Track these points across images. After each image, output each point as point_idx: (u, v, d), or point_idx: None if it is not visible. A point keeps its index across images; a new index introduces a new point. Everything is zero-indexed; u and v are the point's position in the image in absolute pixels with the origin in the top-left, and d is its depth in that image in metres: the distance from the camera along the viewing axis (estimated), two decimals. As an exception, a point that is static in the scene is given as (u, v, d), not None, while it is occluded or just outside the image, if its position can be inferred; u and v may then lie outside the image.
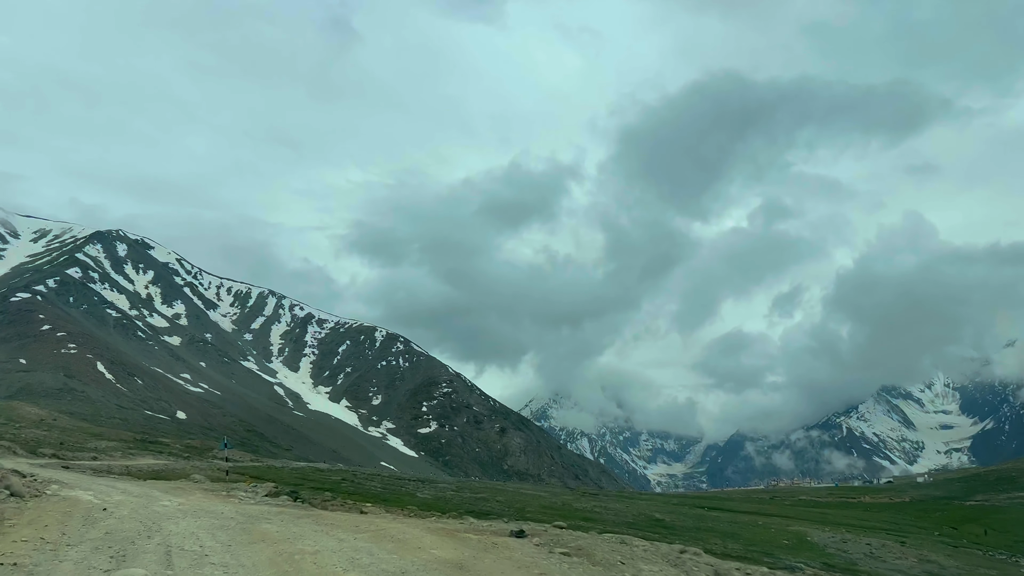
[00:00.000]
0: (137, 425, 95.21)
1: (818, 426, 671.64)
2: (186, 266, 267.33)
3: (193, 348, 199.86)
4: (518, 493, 46.91)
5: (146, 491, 24.69)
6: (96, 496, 20.40)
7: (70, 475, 30.53)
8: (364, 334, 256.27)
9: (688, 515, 42.18)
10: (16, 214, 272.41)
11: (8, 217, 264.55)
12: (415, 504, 28.13)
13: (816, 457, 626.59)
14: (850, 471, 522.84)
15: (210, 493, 26.87)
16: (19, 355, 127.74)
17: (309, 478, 39.02)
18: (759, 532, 39.21)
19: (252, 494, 27.98)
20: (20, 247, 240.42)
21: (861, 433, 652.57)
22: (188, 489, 27.78)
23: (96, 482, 27.54)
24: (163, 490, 25.94)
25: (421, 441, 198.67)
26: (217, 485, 31.01)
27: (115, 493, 22.58)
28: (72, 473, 32.17)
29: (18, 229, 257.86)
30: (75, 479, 27.75)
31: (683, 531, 32.13)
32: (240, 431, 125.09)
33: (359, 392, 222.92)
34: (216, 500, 23.44)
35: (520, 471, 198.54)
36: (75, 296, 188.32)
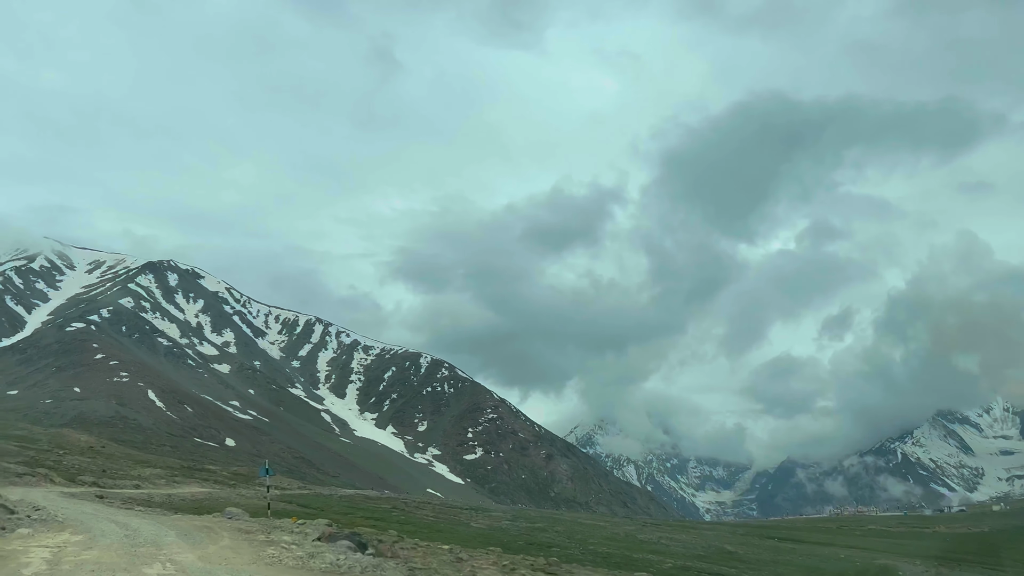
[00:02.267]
0: (186, 452, 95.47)
1: (872, 452, 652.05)
2: (235, 295, 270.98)
3: (242, 376, 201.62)
4: (576, 523, 45.01)
5: (157, 534, 20.24)
6: (69, 545, 16.65)
7: (89, 507, 28.02)
8: (409, 360, 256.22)
9: (760, 547, 39.81)
10: (72, 246, 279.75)
11: (64, 249, 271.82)
12: (469, 534, 26.50)
13: (871, 484, 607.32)
14: (907, 498, 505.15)
15: (243, 536, 21.08)
16: (74, 384, 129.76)
17: (359, 507, 37.74)
18: (844, 567, 36.59)
19: (299, 537, 21.63)
20: (76, 278, 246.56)
21: (917, 459, 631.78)
22: (216, 529, 22.65)
23: (106, 517, 23.57)
24: (183, 532, 21.08)
25: (467, 468, 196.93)
26: (255, 523, 25.59)
27: (107, 538, 18.43)
28: (93, 505, 29.52)
29: (74, 261, 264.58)
30: (81, 513, 24.24)
31: (761, 565, 30.02)
32: (288, 458, 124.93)
33: (405, 418, 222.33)
34: (247, 552, 17.85)
35: (568, 498, 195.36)
36: (128, 325, 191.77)
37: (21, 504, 23.50)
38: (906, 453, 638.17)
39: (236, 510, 29.50)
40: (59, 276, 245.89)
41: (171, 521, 24.74)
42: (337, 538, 21.79)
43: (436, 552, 22.47)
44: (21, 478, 32.58)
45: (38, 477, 34.57)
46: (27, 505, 23.57)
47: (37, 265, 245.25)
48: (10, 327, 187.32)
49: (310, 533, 22.83)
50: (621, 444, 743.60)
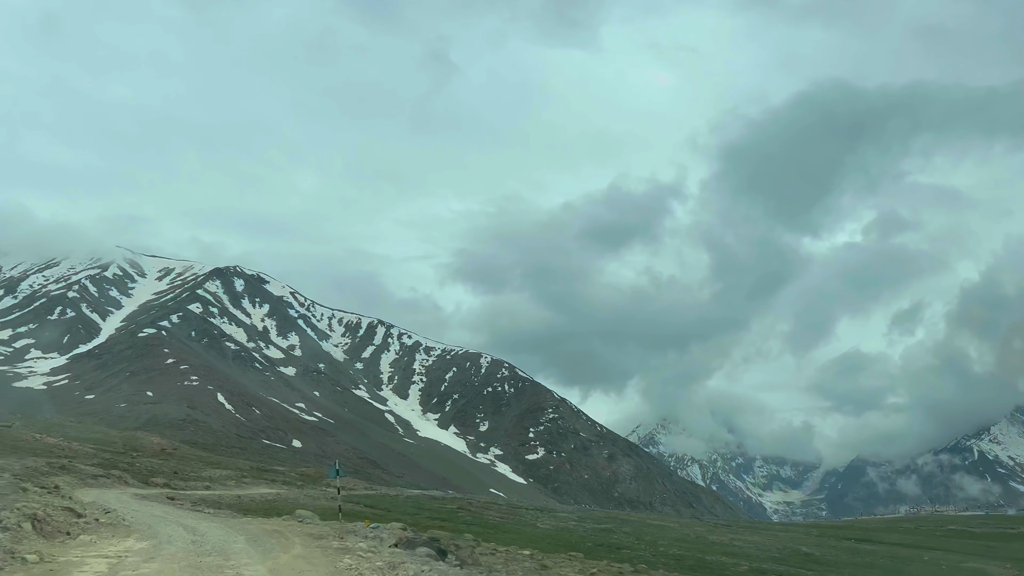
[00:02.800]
0: (254, 454, 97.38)
1: (947, 450, 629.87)
2: (299, 299, 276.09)
3: (307, 378, 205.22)
4: (644, 524, 44.16)
5: (225, 540, 19.07)
6: (129, 555, 15.61)
7: (159, 509, 27.36)
8: (470, 361, 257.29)
9: (837, 548, 38.34)
10: (143, 254, 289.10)
11: (135, 257, 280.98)
12: (537, 535, 26.01)
13: (946, 482, 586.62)
14: (985, 497, 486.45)
15: (315, 543, 19.84)
16: (146, 388, 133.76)
17: (425, 507, 37.66)
18: (930, 570, 34.88)
19: (374, 543, 20.46)
20: (146, 285, 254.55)
21: (995, 456, 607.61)
22: (287, 535, 21.43)
23: (175, 521, 23.02)
24: (252, 537, 19.91)
25: (529, 468, 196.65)
26: (327, 527, 24.30)
27: (172, 545, 17.41)
28: (163, 507, 28.93)
29: (144, 268, 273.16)
30: (150, 516, 23.67)
31: (840, 568, 28.83)
32: (353, 459, 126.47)
33: (466, 419, 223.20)
34: (322, 562, 16.73)
35: (631, 499, 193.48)
36: (196, 330, 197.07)
37: (92, 507, 23.28)
38: (983, 450, 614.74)
39: (306, 512, 28.37)
40: (131, 284, 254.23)
41: (240, 525, 23.81)
42: (415, 544, 20.53)
43: (517, 558, 21.15)
44: (96, 480, 33.37)
45: (112, 479, 35.37)
46: (98, 508, 23.30)
47: (110, 273, 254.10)
48: (86, 334, 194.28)
49: (385, 538, 21.58)
50: (684, 443, 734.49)
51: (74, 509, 20.07)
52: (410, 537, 21.61)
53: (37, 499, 20.00)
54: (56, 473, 30.30)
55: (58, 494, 22.71)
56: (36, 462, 32.12)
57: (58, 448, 46.92)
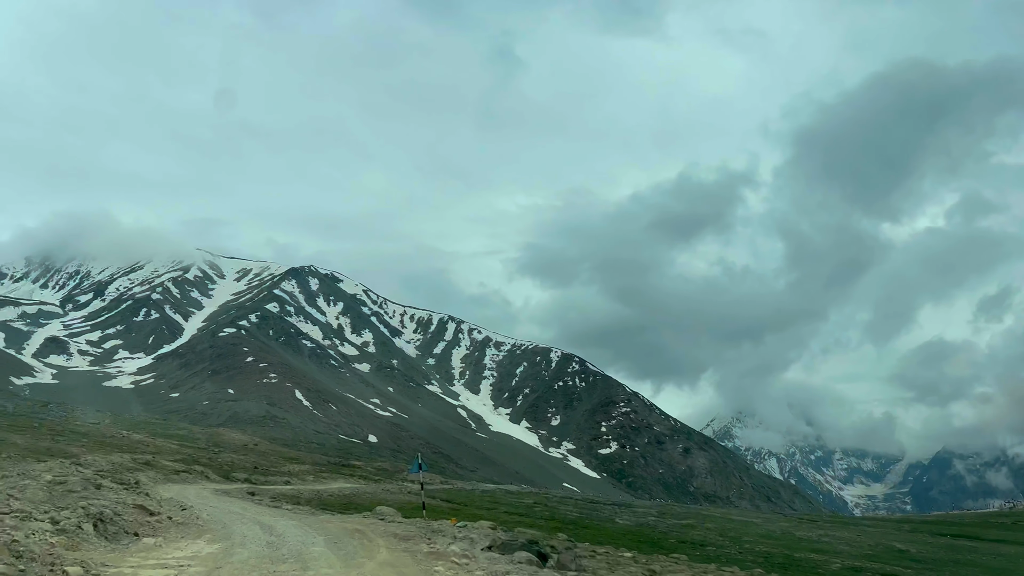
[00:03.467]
0: (332, 449, 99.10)
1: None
2: (372, 297, 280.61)
3: (381, 374, 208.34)
4: (726, 520, 43.02)
5: (304, 541, 17.55)
6: (195, 563, 13.94)
7: (238, 505, 26.73)
8: (540, 355, 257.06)
9: (934, 545, 36.48)
10: (221, 256, 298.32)
11: (215, 259, 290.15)
12: (617, 531, 25.39)
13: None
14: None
15: (402, 545, 18.16)
16: (228, 386, 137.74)
17: (501, 502, 37.44)
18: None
19: (466, 545, 18.65)
20: (225, 286, 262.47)
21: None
22: (370, 535, 19.67)
23: (252, 518, 21.77)
24: (332, 538, 18.48)
25: (602, 462, 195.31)
26: (412, 527, 22.57)
27: (245, 549, 15.96)
28: (242, 502, 28.24)
29: (223, 270, 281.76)
30: (227, 514, 22.62)
31: (939, 566, 27.38)
32: (427, 453, 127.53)
33: (538, 413, 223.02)
34: (412, 570, 15.32)
35: (707, 493, 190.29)
36: (274, 329, 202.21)
37: (169, 503, 22.71)
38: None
39: (387, 509, 27.30)
40: (211, 285, 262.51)
41: (319, 523, 22.41)
42: (511, 547, 18.43)
43: (621, 562, 19.35)
44: (179, 475, 34.17)
45: (195, 474, 36.17)
46: (174, 505, 22.69)
47: (191, 275, 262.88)
48: (169, 334, 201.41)
49: (476, 539, 19.83)
50: (761, 437, 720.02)
51: (147, 507, 19.21)
52: (505, 539, 19.77)
53: (110, 497, 19.04)
54: (140, 469, 31.09)
55: (135, 490, 22.08)
56: (122, 458, 33.09)
57: (143, 444, 48.51)
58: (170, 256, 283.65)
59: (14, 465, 23.91)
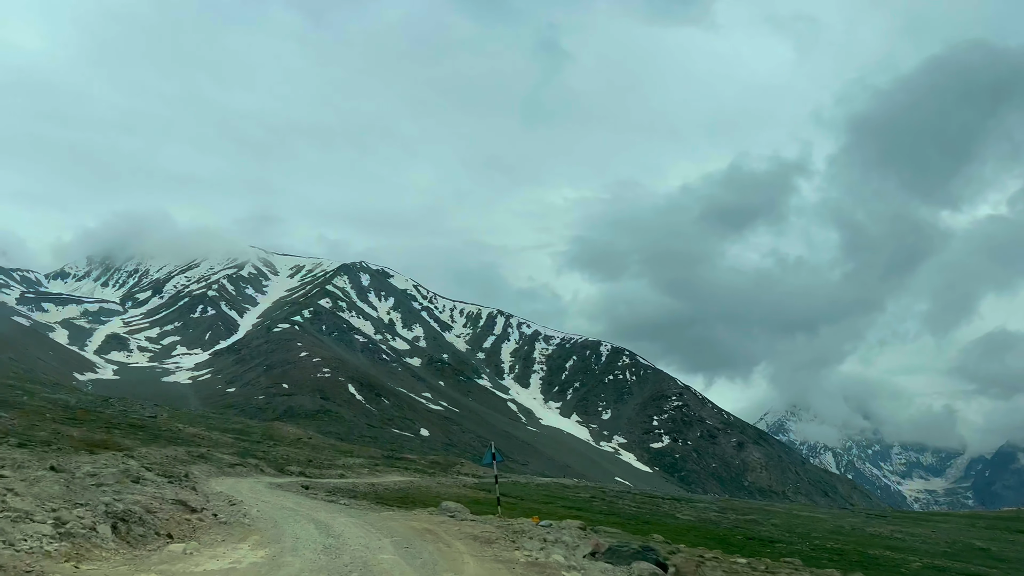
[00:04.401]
0: (384, 443, 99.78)
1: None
2: (422, 291, 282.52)
3: (432, 368, 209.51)
4: (791, 515, 41.76)
5: (367, 544, 14.98)
6: (251, 570, 11.80)
7: (291, 499, 25.01)
8: (590, 349, 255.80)
9: (1016, 544, 34.74)
10: (275, 253, 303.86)
11: (268, 256, 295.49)
12: (680, 527, 24.61)
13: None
14: None
15: (486, 550, 15.32)
16: (282, 380, 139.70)
17: (558, 496, 36.93)
18: None
19: (561, 550, 15.81)
20: (279, 283, 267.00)
21: None
22: (443, 536, 16.95)
23: (306, 515, 19.46)
24: (401, 540, 15.75)
25: (654, 456, 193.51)
26: (490, 527, 18.85)
27: (298, 555, 13.43)
28: (296, 497, 26.58)
29: (277, 267, 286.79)
30: (280, 509, 20.54)
31: (1023, 565, 25.97)
32: (478, 447, 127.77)
33: (588, 407, 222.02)
34: None
35: (762, 488, 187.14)
36: (327, 324, 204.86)
37: (218, 498, 21.33)
38: None
39: (454, 504, 24.92)
40: (265, 281, 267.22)
41: (383, 521, 19.52)
42: (623, 555, 15.33)
43: (739, 570, 16.58)
44: (233, 468, 34.24)
45: (249, 467, 36.30)
46: (223, 499, 21.24)
47: (246, 272, 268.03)
48: (226, 330, 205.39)
49: (571, 543, 16.58)
50: (816, 431, 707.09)
51: (189, 503, 17.31)
52: (612, 544, 16.47)
53: (146, 491, 17.15)
54: (194, 462, 31.20)
55: (182, 484, 21.20)
56: (176, 451, 33.33)
57: (198, 437, 49.16)
58: (225, 254, 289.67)
59: (45, 458, 22.19)
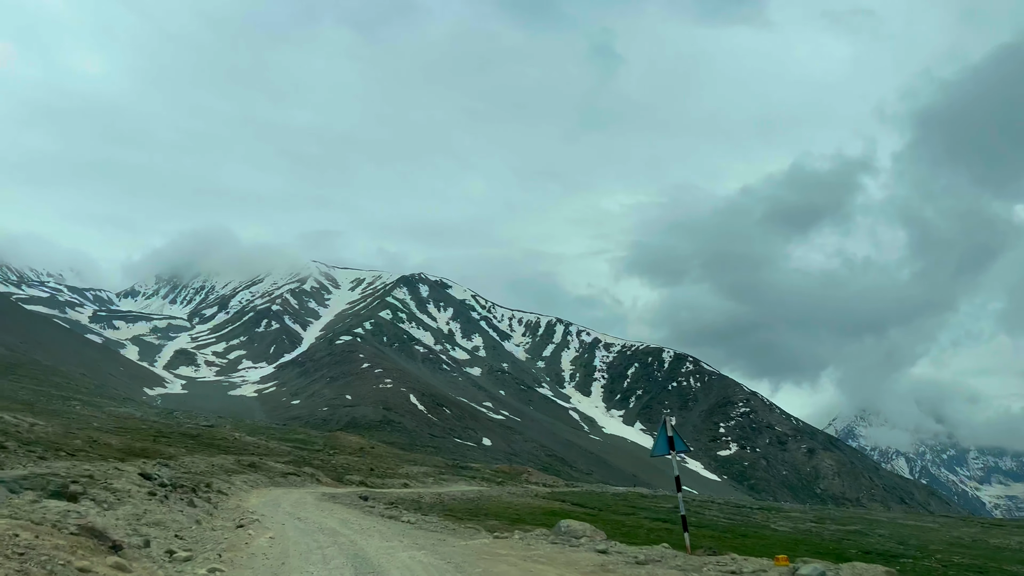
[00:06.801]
0: (447, 452, 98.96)
1: None
2: (480, 301, 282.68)
3: (492, 378, 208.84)
4: (896, 524, 39.10)
5: None
6: None
7: (338, 515, 19.77)
8: (651, 355, 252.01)
9: None
10: (336, 267, 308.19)
11: (329, 270, 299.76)
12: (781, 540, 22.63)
13: None
14: None
15: None
16: (345, 391, 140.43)
17: (639, 506, 35.15)
18: None
19: None
20: (341, 296, 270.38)
21: None
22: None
23: (346, 544, 13.71)
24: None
25: (722, 464, 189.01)
26: (638, 569, 12.24)
27: None
28: (347, 511, 21.58)
29: (338, 280, 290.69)
30: (312, 532, 15.43)
31: None
32: (542, 456, 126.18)
33: (652, 415, 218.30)
34: None
35: (835, 495, 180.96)
36: (388, 335, 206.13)
37: (230, 515, 16.90)
38: None
39: (578, 525, 17.74)
40: (327, 295, 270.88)
41: (473, 557, 12.89)
42: None
43: None
44: (286, 478, 33.18)
45: (304, 476, 35.34)
46: (236, 518, 16.57)
47: (308, 286, 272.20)
48: (289, 343, 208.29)
49: None
50: (888, 436, 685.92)
51: (105, 533, 9.63)
52: None
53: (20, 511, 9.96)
54: (242, 471, 30.09)
55: (195, 496, 17.51)
56: (225, 460, 32.48)
57: (253, 446, 48.75)
58: (288, 269, 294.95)
59: None
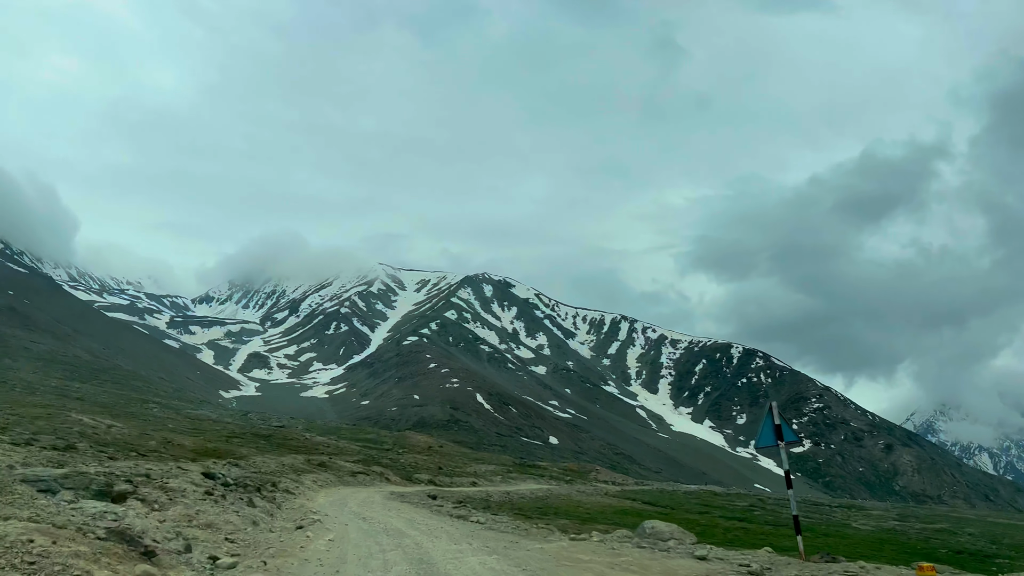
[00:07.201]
0: (515, 451, 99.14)
1: None
2: (544, 300, 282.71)
3: (557, 376, 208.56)
4: (987, 522, 37.49)
5: None
6: None
7: (404, 515, 19.02)
8: (720, 352, 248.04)
9: None
10: (402, 269, 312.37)
11: (395, 272, 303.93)
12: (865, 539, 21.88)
13: None
14: None
15: None
16: (413, 391, 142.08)
17: (712, 505, 34.53)
18: None
19: None
20: (407, 297, 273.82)
21: None
22: None
23: (411, 549, 12.39)
24: None
25: (795, 461, 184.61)
26: None
27: None
28: (414, 510, 20.84)
29: (404, 282, 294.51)
30: (369, 537, 13.90)
31: None
32: (609, 454, 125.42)
33: (722, 412, 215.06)
34: None
35: (915, 492, 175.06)
36: (453, 335, 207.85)
37: (290, 516, 16.74)
38: None
39: (665, 527, 16.66)
40: (393, 296, 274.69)
41: (552, 562, 11.77)
42: None
43: None
44: (355, 477, 33.62)
45: (373, 475, 35.72)
46: (297, 518, 16.45)
47: (375, 289, 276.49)
48: (358, 345, 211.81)
49: None
50: (969, 430, 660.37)
51: (139, 539, 9.08)
52: None
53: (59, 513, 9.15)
54: (311, 470, 30.55)
55: (258, 496, 17.32)
56: (295, 459, 33.03)
57: (323, 446, 49.57)
58: (355, 272, 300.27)
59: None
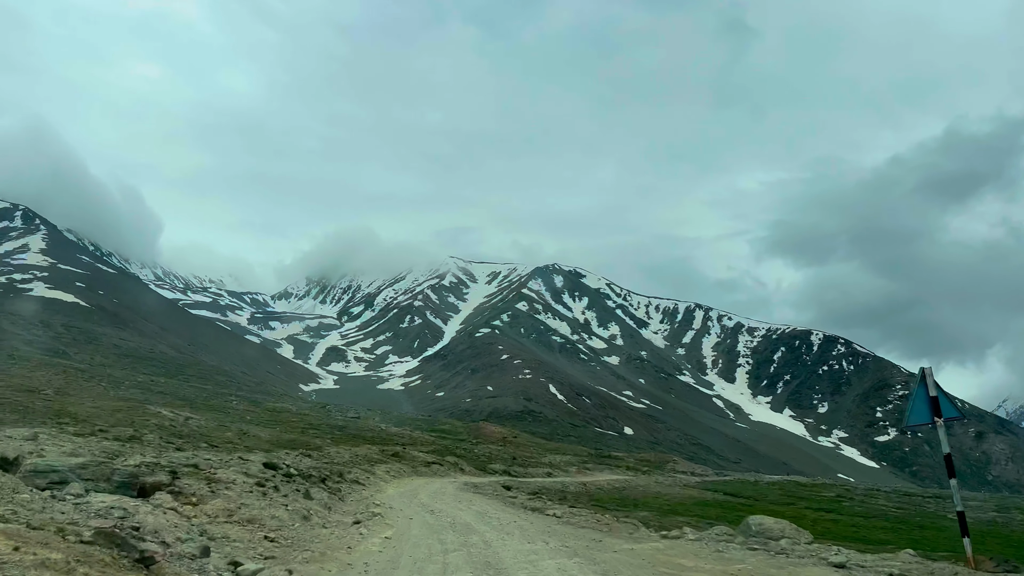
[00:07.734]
0: (589, 442, 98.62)
1: None
2: (615, 289, 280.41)
3: (631, 366, 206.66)
4: None
5: None
6: None
7: (475, 507, 18.30)
8: (799, 339, 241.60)
9: None
10: (472, 261, 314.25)
11: (467, 265, 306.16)
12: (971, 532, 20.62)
13: None
14: None
15: None
16: (486, 383, 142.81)
17: (798, 495, 33.50)
18: None
19: None
20: (478, 290, 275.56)
21: None
22: None
23: (480, 547, 11.54)
24: None
25: (880, 450, 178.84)
26: None
27: None
28: (486, 501, 20.46)
29: (475, 274, 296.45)
30: (434, 534, 13.06)
31: None
32: (686, 445, 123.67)
33: (802, 400, 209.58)
34: None
35: (1009, 482, 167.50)
36: (525, 327, 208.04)
37: (359, 506, 16.54)
38: None
39: (772, 522, 14.85)
40: (465, 289, 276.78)
41: (650, 557, 11.08)
42: None
43: None
44: (428, 467, 33.78)
45: (447, 466, 35.83)
46: (368, 509, 16.39)
47: (447, 282, 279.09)
48: (432, 338, 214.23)
49: None
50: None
51: (130, 542, 6.94)
52: None
53: None
54: (385, 460, 30.71)
55: (321, 488, 17.21)
56: (369, 450, 33.38)
57: (398, 436, 50.09)
58: (427, 265, 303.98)
59: None
